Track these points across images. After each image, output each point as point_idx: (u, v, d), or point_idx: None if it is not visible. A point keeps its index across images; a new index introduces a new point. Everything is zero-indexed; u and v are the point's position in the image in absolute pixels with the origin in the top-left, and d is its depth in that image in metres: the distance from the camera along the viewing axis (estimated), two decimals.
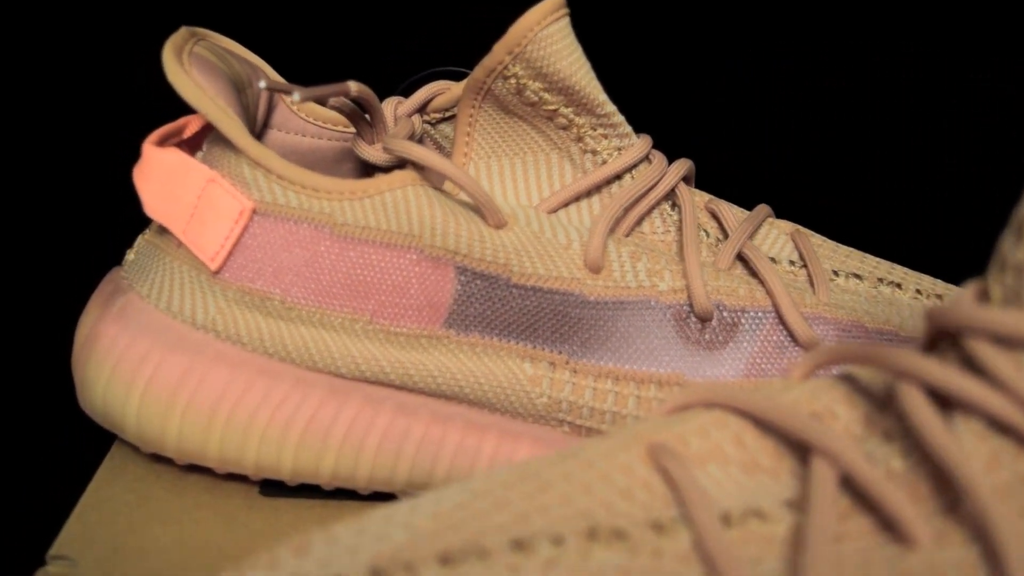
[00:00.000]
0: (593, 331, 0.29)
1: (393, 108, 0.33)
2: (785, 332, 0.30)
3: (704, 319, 0.30)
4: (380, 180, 0.29)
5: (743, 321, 0.30)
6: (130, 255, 0.32)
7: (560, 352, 0.29)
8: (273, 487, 0.31)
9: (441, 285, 0.29)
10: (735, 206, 0.35)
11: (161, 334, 0.30)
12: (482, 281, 0.29)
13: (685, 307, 0.30)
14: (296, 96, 0.28)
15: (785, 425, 0.22)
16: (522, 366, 0.29)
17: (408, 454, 0.30)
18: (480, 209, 0.29)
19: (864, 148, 0.49)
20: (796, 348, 0.30)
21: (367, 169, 0.35)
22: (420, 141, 0.35)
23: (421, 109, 0.34)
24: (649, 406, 0.29)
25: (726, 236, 0.33)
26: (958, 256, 0.35)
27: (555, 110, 0.31)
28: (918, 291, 0.33)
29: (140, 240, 0.32)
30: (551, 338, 0.29)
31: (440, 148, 0.35)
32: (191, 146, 0.33)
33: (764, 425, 0.22)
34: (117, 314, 0.31)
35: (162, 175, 0.30)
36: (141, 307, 0.30)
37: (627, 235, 0.31)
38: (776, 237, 0.34)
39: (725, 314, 0.30)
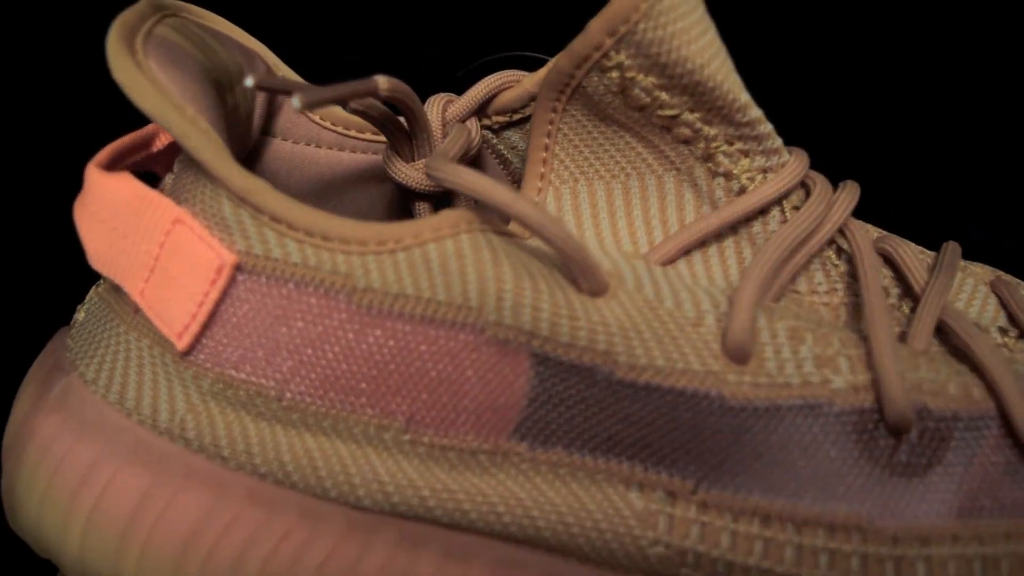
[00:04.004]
0: (734, 448, 0.20)
1: (440, 109, 0.24)
2: (1016, 450, 0.20)
3: (900, 431, 0.20)
4: (421, 224, 0.20)
5: (955, 433, 0.20)
6: (79, 315, 0.23)
7: (685, 478, 0.20)
8: None
9: (510, 380, 0.20)
10: (912, 244, 0.25)
11: (112, 438, 0.21)
12: (571, 375, 0.20)
13: (872, 413, 0.20)
14: (296, 102, 0.19)
15: None
16: (627, 497, 0.20)
17: None
18: (570, 267, 0.20)
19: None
20: None
21: (406, 195, 0.25)
22: (478, 156, 0.26)
23: (480, 110, 0.25)
24: (816, 561, 0.20)
25: (908, 293, 0.23)
26: None
27: (675, 116, 0.21)
28: None
29: (92, 294, 0.23)
30: (671, 456, 0.20)
31: (507, 164, 0.26)
32: (165, 167, 0.24)
33: None
34: (55, 404, 0.22)
35: (111, 212, 0.21)
36: (84, 397, 0.21)
37: (778, 299, 0.21)
38: (973, 290, 0.24)
39: (930, 423, 0.20)
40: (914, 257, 0.23)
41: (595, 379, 0.20)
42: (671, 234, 0.22)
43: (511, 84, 0.24)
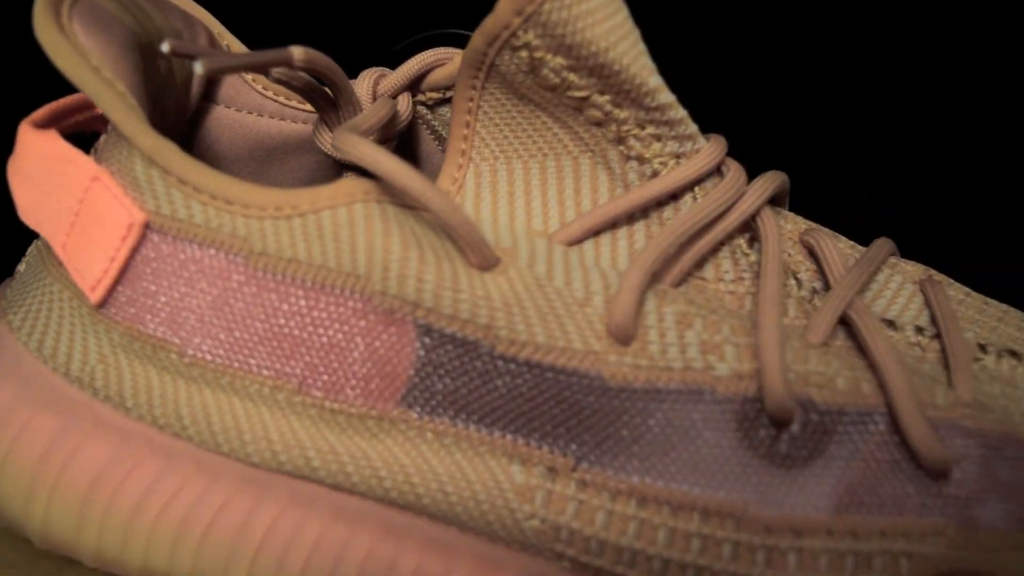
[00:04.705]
0: (613, 429, 0.20)
1: (371, 83, 0.24)
2: (902, 447, 0.20)
3: (781, 422, 0.20)
4: (319, 192, 0.20)
5: (840, 427, 0.20)
6: (21, 266, 0.24)
7: (566, 455, 0.20)
8: None
9: (398, 348, 0.20)
10: (843, 239, 0.25)
11: (28, 384, 0.22)
12: (455, 347, 0.20)
13: (755, 402, 0.20)
14: (198, 67, 0.20)
15: None
16: (509, 470, 0.20)
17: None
18: (457, 241, 0.20)
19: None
20: (917, 472, 0.20)
21: (340, 165, 0.26)
22: (412, 132, 0.26)
23: (413, 86, 0.25)
24: (687, 545, 0.20)
25: (827, 286, 0.23)
26: None
27: (585, 98, 0.21)
28: None
29: (32, 248, 0.24)
30: (553, 433, 0.20)
31: (441, 140, 0.26)
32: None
33: None
34: None
35: (37, 169, 0.22)
36: (8, 343, 0.22)
37: (678, 284, 0.22)
38: (899, 287, 0.24)
39: (814, 416, 0.20)
40: (835, 251, 0.23)
41: (478, 352, 0.20)
42: (583, 212, 0.22)
43: (444, 61, 0.25)
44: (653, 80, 0.21)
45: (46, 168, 0.22)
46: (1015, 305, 0.25)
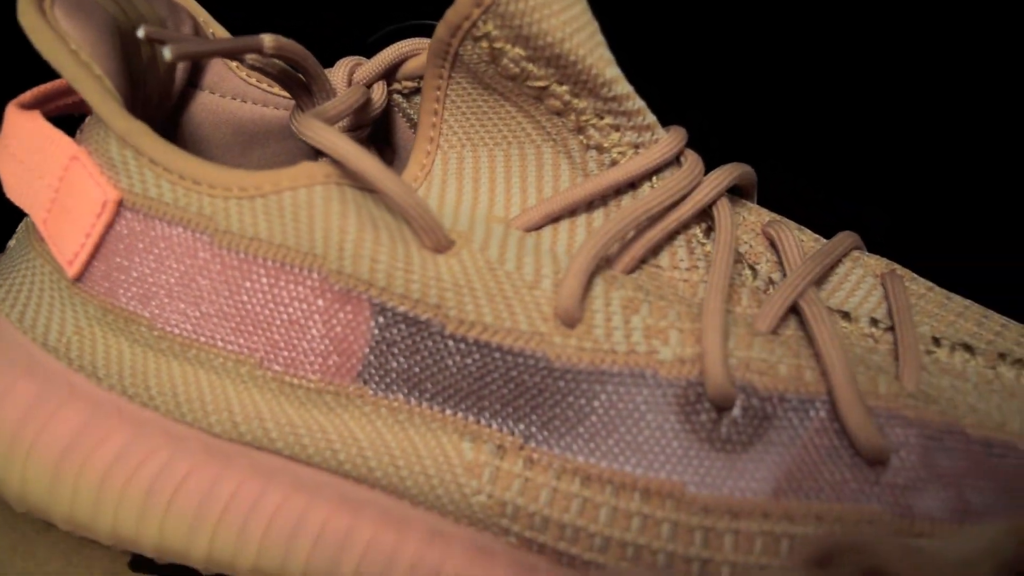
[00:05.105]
0: (559, 409, 0.21)
1: (347, 72, 0.25)
2: (841, 434, 0.21)
3: (722, 406, 0.20)
4: (281, 174, 0.21)
5: (779, 413, 0.21)
6: (12, 242, 0.26)
7: (514, 434, 0.21)
8: (144, 563, 0.24)
9: (353, 326, 0.21)
10: (808, 231, 0.25)
11: (9, 353, 0.23)
12: (408, 326, 0.21)
13: (697, 386, 0.21)
14: (167, 52, 0.21)
15: None
16: (460, 447, 0.21)
17: (303, 545, 0.22)
18: (410, 223, 0.21)
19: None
20: (855, 459, 0.20)
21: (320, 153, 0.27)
22: (388, 119, 0.27)
23: (389, 74, 0.26)
24: (628, 524, 0.20)
25: (785, 277, 0.23)
26: None
27: (544, 88, 0.22)
28: None
29: (21, 225, 0.25)
30: (502, 412, 0.21)
31: (416, 127, 0.27)
32: None
33: None
34: None
35: (21, 148, 0.23)
36: None
37: (632, 271, 0.22)
38: (859, 280, 0.24)
39: (754, 401, 0.21)
40: (795, 243, 0.23)
41: (430, 331, 0.21)
42: (544, 199, 0.23)
43: (419, 51, 0.25)
44: (610, 71, 0.22)
45: (29, 147, 0.23)
46: (980, 301, 0.25)
